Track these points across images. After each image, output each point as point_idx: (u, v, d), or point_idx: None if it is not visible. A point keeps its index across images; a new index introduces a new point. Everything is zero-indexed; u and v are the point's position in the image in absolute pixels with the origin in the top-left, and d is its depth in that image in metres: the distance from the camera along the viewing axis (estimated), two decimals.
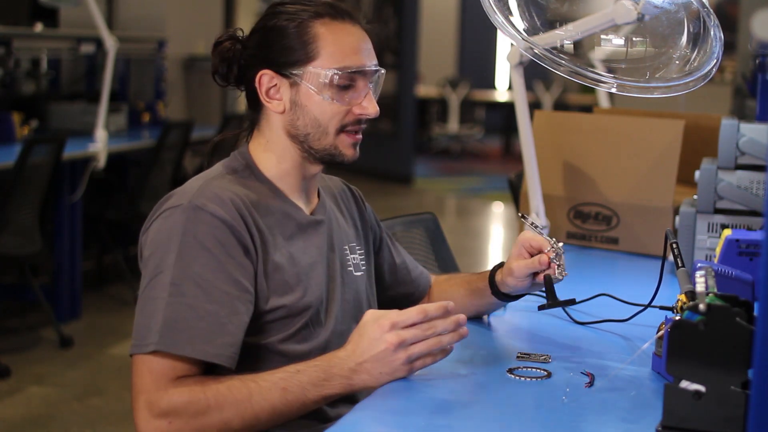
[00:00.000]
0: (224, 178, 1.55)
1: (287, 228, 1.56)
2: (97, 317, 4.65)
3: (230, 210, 1.47)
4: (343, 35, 1.56)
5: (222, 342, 1.40)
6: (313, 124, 1.55)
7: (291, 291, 1.52)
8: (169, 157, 5.01)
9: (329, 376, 1.39)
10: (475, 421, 1.29)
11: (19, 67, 5.08)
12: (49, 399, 3.61)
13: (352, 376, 1.39)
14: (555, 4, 1.98)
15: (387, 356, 1.37)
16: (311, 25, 1.54)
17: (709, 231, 2.09)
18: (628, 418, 1.31)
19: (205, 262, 1.43)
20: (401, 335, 1.37)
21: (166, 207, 1.49)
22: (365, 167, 9.81)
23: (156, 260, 1.44)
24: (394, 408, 1.33)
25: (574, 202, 2.49)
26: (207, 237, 1.44)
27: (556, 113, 3.74)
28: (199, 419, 1.36)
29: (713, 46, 1.82)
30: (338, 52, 1.54)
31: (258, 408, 1.38)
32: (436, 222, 2.42)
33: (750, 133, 2.10)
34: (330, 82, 1.53)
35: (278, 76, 1.55)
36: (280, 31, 1.55)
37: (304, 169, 1.60)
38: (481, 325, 1.77)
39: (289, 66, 1.54)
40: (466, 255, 6.45)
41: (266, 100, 1.57)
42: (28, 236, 4.02)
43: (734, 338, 1.14)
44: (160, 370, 1.38)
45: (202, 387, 1.37)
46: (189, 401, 1.36)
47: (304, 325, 1.53)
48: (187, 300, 1.41)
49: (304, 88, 1.54)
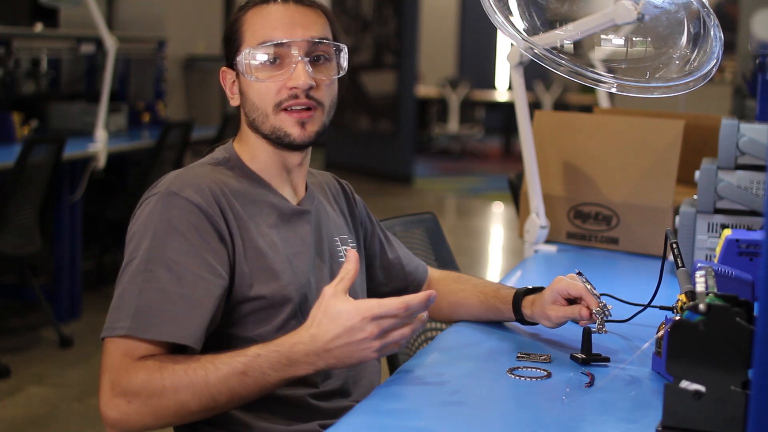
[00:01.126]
0: (205, 167, 1.58)
1: (270, 216, 1.57)
2: (97, 317, 4.64)
3: (205, 195, 1.48)
4: (264, 14, 1.57)
5: (191, 324, 1.41)
6: (253, 108, 1.57)
7: (275, 278, 1.52)
8: (169, 157, 5.01)
9: (291, 361, 1.36)
10: (475, 421, 1.29)
11: (19, 67, 5.08)
12: (49, 399, 3.61)
13: (317, 361, 1.35)
14: (555, 4, 1.98)
15: (363, 344, 1.34)
16: (243, 14, 1.59)
17: (709, 231, 2.09)
18: (628, 418, 1.31)
19: (178, 246, 1.44)
20: (381, 325, 1.33)
21: (146, 196, 1.52)
22: (365, 167, 9.82)
23: (132, 246, 1.46)
24: (394, 408, 1.33)
25: (574, 202, 2.49)
26: (180, 221, 1.45)
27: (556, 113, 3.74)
28: (155, 399, 1.35)
29: (713, 46, 1.82)
30: (258, 30, 1.56)
31: (215, 391, 1.36)
32: (436, 222, 2.42)
33: (750, 133, 2.10)
34: (253, 61, 1.55)
35: (231, 71, 1.61)
36: (225, 27, 1.62)
37: (282, 158, 1.60)
38: (481, 325, 1.77)
39: (230, 58, 1.59)
40: (466, 255, 6.45)
41: (229, 96, 1.63)
42: (28, 236, 4.02)
43: (734, 338, 1.14)
44: (125, 349, 1.39)
45: (159, 367, 1.36)
46: (146, 381, 1.36)
47: (291, 316, 1.53)
48: (159, 284, 1.41)
49: (242, 75, 1.58)
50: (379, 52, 9.82)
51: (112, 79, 4.79)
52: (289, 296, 1.53)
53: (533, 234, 2.42)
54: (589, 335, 1.54)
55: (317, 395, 1.54)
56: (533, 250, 2.45)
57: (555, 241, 2.50)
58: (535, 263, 2.37)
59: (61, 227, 4.54)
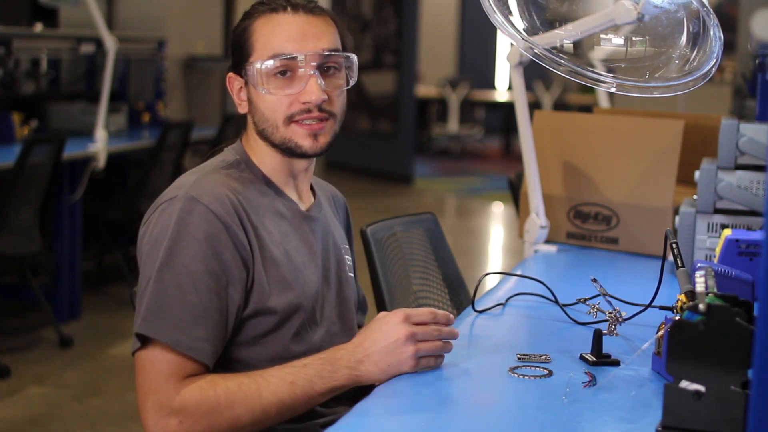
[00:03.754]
0: (219, 172, 1.55)
1: (282, 224, 1.57)
2: (96, 317, 4.64)
3: (226, 206, 1.47)
4: (274, 25, 1.54)
5: (197, 335, 1.41)
6: (263, 119, 1.56)
7: (289, 288, 1.52)
8: (168, 157, 5.01)
9: (336, 368, 1.41)
10: (475, 421, 1.29)
11: (19, 67, 5.07)
12: (49, 399, 3.61)
13: (358, 366, 1.41)
14: (555, 4, 1.98)
15: (397, 347, 1.40)
16: (252, 22, 1.56)
17: (709, 231, 2.09)
18: (628, 418, 1.31)
19: (193, 254, 1.43)
20: (413, 328, 1.41)
21: (162, 201, 1.50)
22: (365, 167, 9.81)
23: (153, 253, 1.45)
24: (394, 408, 1.33)
25: (574, 202, 2.49)
26: (199, 229, 1.44)
27: (556, 113, 3.74)
28: (210, 417, 1.37)
29: (713, 46, 1.82)
30: (269, 42, 1.53)
31: (267, 403, 1.39)
32: (436, 222, 2.42)
33: (750, 133, 2.10)
34: (264, 73, 1.53)
35: (238, 78, 1.58)
36: (233, 34, 1.59)
37: (289, 164, 1.60)
38: (481, 325, 1.77)
39: (240, 66, 1.57)
40: (466, 255, 6.45)
41: (237, 102, 1.60)
42: (28, 236, 4.02)
43: (734, 338, 1.14)
44: (168, 370, 1.39)
45: (212, 385, 1.38)
46: (200, 400, 1.37)
47: (303, 325, 1.54)
48: (171, 289, 1.41)
49: (251, 85, 1.56)
50: (379, 52, 9.81)
51: (112, 79, 4.79)
52: (301, 305, 1.53)
53: (533, 234, 2.42)
54: (600, 337, 1.55)
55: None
56: (533, 250, 2.45)
57: (555, 241, 2.50)
58: (535, 263, 2.37)
59: (61, 227, 4.54)
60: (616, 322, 1.59)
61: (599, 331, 1.55)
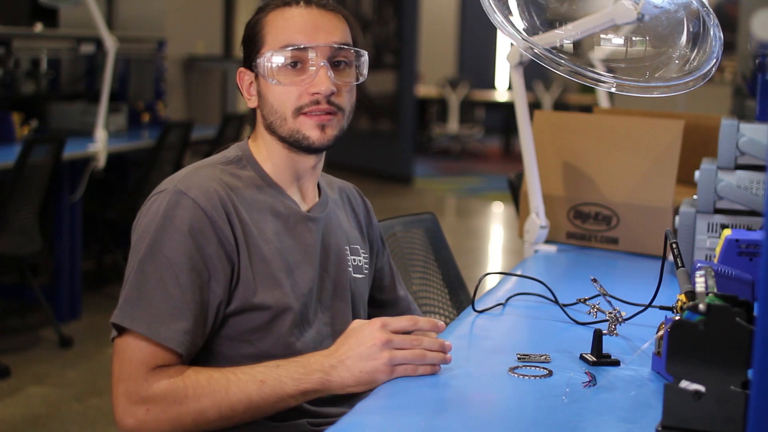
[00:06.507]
0: (214, 167, 1.56)
1: (276, 222, 1.56)
2: (96, 317, 4.64)
3: (213, 200, 1.48)
4: (286, 17, 1.56)
5: (177, 327, 1.41)
6: (272, 111, 1.56)
7: (278, 286, 1.51)
8: (168, 157, 5.01)
9: (308, 371, 1.41)
10: (475, 421, 1.29)
11: (19, 67, 5.07)
12: (49, 399, 3.61)
13: (331, 371, 1.40)
14: (555, 4, 1.98)
15: (372, 353, 1.39)
16: (265, 15, 1.58)
17: (709, 231, 2.09)
18: (628, 418, 1.31)
19: (176, 246, 1.44)
20: (389, 336, 1.40)
21: (153, 193, 1.52)
22: (365, 167, 9.82)
23: (137, 244, 1.47)
24: (394, 408, 1.33)
25: (574, 202, 2.49)
26: (183, 222, 1.45)
27: (556, 113, 3.74)
28: (176, 407, 1.37)
29: (713, 46, 1.82)
30: (280, 34, 1.55)
31: (234, 399, 1.39)
32: (436, 222, 2.42)
33: (750, 133, 2.10)
34: (275, 64, 1.54)
35: (249, 72, 1.59)
36: (245, 28, 1.60)
37: (296, 162, 1.60)
38: (481, 325, 1.77)
39: (250, 60, 1.58)
40: (466, 255, 6.45)
41: (246, 97, 1.61)
42: (28, 236, 4.02)
43: (734, 338, 1.14)
44: (140, 357, 1.39)
45: (182, 376, 1.39)
46: (167, 390, 1.37)
47: (292, 325, 1.53)
48: (151, 279, 1.42)
49: (261, 78, 1.57)
50: (379, 52, 9.81)
51: (112, 79, 4.79)
52: (289, 305, 1.53)
53: (533, 234, 2.42)
54: (600, 337, 1.54)
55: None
56: (533, 250, 2.45)
57: (555, 241, 2.50)
58: (535, 263, 2.37)
59: (61, 227, 4.54)
60: (616, 322, 1.59)
61: (599, 331, 1.55)
